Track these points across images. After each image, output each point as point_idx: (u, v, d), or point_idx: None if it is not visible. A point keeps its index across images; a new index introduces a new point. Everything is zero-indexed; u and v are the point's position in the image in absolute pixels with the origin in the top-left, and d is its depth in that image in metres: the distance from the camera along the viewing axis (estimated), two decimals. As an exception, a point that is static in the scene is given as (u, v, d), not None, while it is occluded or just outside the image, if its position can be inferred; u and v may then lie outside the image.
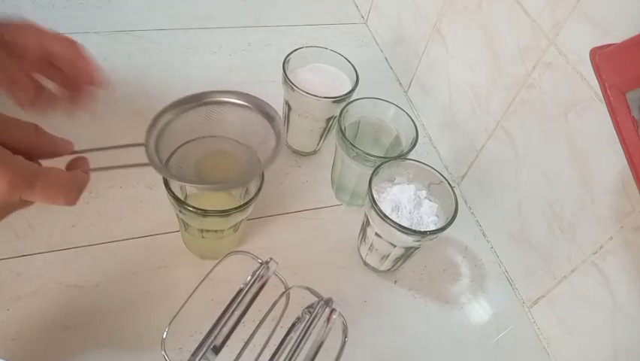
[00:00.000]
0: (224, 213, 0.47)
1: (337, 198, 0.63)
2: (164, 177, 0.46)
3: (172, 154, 0.45)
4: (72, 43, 0.43)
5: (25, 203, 0.34)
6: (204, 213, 0.46)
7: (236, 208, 0.47)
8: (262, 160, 0.45)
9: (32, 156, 0.35)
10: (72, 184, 0.35)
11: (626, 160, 0.35)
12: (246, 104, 0.47)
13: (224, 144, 0.48)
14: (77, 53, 0.43)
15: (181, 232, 0.54)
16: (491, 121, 0.59)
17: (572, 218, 0.50)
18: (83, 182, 0.37)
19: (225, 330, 0.37)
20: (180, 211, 0.47)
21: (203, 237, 0.51)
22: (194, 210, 0.46)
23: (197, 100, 0.46)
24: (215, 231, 0.50)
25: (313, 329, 0.38)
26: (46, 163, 0.36)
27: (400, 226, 0.48)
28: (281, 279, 0.41)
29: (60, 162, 0.38)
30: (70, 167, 0.38)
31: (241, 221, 0.51)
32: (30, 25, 0.42)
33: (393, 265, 0.56)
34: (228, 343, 0.38)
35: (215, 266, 0.41)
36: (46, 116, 0.41)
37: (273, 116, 0.46)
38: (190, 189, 0.52)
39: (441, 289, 0.57)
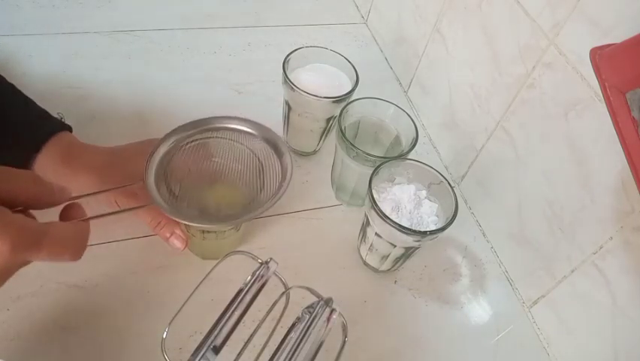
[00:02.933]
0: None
1: (337, 198, 0.63)
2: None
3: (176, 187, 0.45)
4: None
5: (27, 262, 0.32)
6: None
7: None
8: (267, 195, 0.45)
9: (30, 207, 0.33)
10: (77, 238, 0.33)
11: (626, 160, 0.35)
12: (256, 133, 0.46)
13: (228, 175, 0.47)
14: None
15: (181, 232, 0.54)
16: (491, 121, 0.59)
17: (572, 218, 0.50)
18: (87, 232, 0.34)
19: (225, 330, 0.37)
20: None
21: (204, 238, 0.51)
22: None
23: (206, 125, 0.45)
24: (216, 231, 0.50)
25: (313, 329, 0.38)
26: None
27: (400, 226, 0.48)
28: (281, 279, 0.42)
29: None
30: (65, 216, 0.36)
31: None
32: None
33: (393, 265, 0.56)
34: (228, 343, 0.38)
35: (215, 266, 0.41)
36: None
37: (283, 153, 0.45)
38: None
39: (441, 289, 0.57)
